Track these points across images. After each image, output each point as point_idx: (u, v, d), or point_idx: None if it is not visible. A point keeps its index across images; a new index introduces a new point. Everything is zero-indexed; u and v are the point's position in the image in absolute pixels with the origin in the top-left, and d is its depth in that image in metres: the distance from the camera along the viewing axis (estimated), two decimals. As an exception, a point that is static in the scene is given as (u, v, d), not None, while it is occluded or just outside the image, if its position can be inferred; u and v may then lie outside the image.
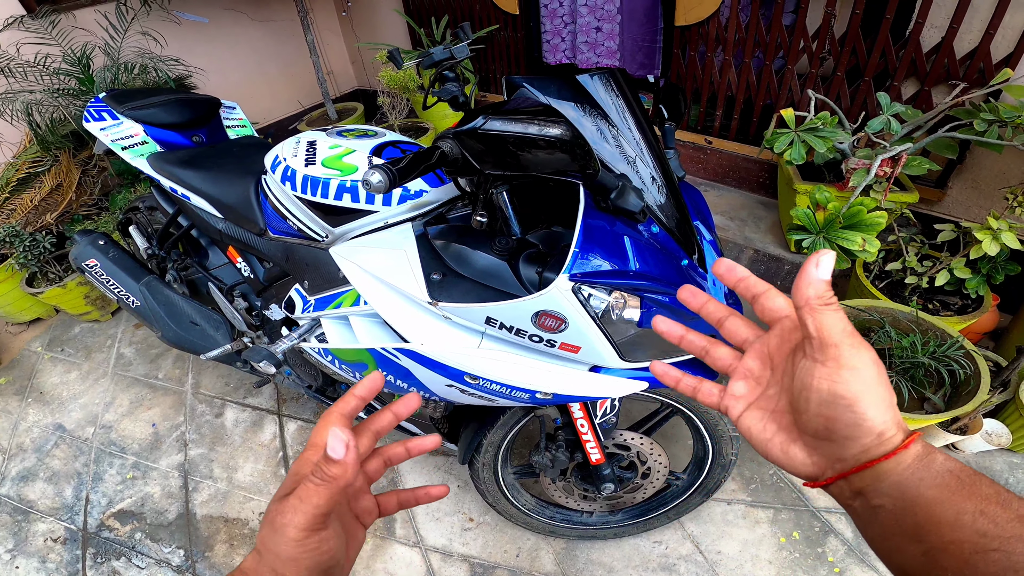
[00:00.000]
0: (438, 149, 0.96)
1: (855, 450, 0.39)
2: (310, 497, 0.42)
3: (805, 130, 2.01)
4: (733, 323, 0.50)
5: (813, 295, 0.39)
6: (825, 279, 0.39)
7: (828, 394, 0.38)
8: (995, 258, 1.94)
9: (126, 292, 2.02)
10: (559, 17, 3.44)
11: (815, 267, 0.39)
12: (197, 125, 2.07)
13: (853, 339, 0.38)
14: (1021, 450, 1.97)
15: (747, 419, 0.47)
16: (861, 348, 0.38)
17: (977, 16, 2.06)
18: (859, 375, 0.37)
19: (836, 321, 0.38)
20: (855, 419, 0.37)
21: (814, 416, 0.40)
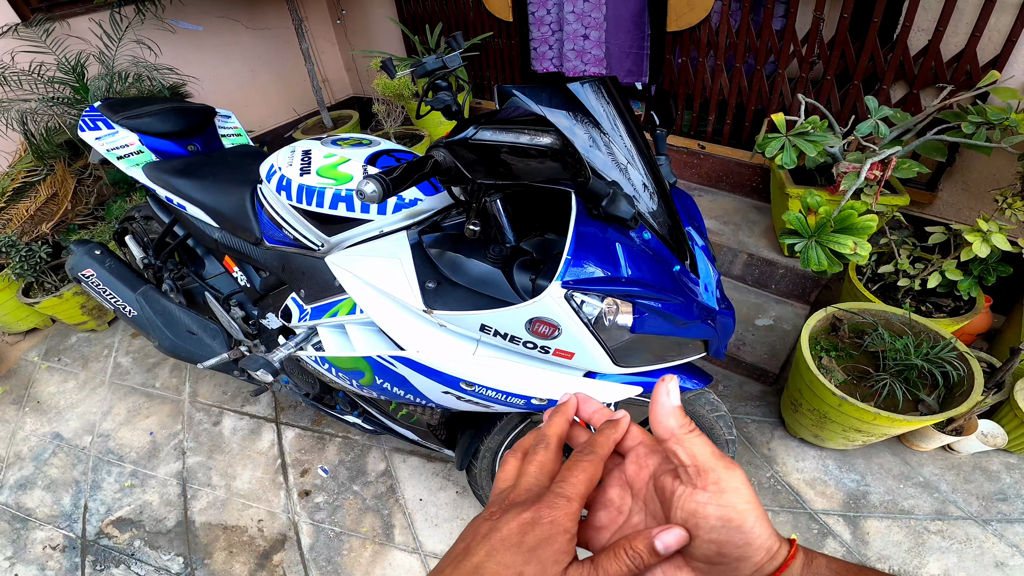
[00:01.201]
0: (431, 158, 0.97)
1: (747, 571, 0.38)
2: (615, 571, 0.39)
3: (796, 134, 2.03)
4: None
5: (676, 425, 0.40)
6: (678, 406, 0.41)
7: (717, 519, 0.37)
8: (986, 260, 1.96)
9: (122, 302, 2.02)
10: (546, 25, 3.42)
11: (666, 395, 0.41)
12: (192, 134, 2.08)
13: (724, 460, 0.39)
14: (1017, 450, 1.98)
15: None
16: (733, 468, 0.39)
17: (963, 19, 2.08)
18: (740, 495, 0.38)
19: (703, 446, 0.40)
20: (745, 539, 0.37)
21: (704, 543, 0.38)
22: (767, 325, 2.42)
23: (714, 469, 0.38)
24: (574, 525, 0.40)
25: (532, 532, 0.39)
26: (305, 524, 2.03)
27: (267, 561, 1.94)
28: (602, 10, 3.09)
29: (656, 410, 0.41)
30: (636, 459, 0.46)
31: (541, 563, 0.38)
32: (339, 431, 2.34)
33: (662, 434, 0.40)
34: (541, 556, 0.38)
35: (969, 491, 1.92)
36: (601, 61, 3.29)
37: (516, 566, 0.38)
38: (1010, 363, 1.81)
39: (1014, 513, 1.84)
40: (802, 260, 1.88)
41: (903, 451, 2.05)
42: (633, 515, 0.45)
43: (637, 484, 0.45)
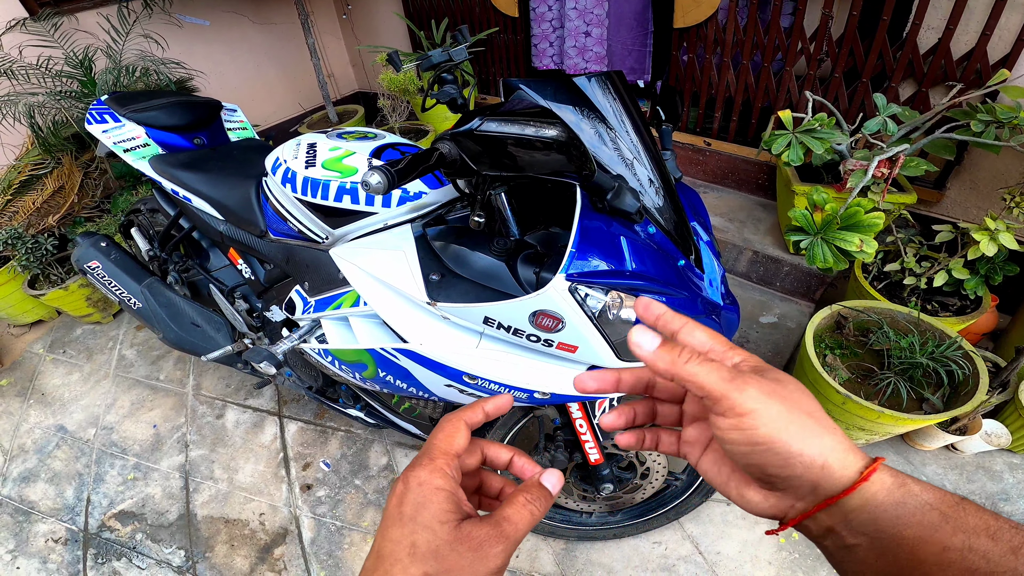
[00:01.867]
0: (436, 151, 0.97)
1: (804, 489, 0.36)
2: (524, 525, 0.40)
3: (803, 131, 2.02)
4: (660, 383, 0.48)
5: (668, 361, 0.38)
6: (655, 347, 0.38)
7: (745, 443, 0.36)
8: (993, 259, 1.95)
9: (128, 294, 2.03)
10: (547, 21, 3.38)
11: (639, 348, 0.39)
12: (198, 127, 2.08)
13: (734, 383, 0.36)
14: (1021, 450, 1.97)
15: (704, 464, 0.45)
16: (746, 388, 0.36)
17: (973, 17, 2.06)
18: (759, 416, 0.35)
19: (709, 372, 0.37)
20: (781, 459, 0.35)
21: (748, 467, 0.38)
22: (771, 323, 2.41)
23: (725, 395, 0.36)
24: (447, 481, 0.40)
25: (406, 500, 0.39)
26: (306, 518, 2.04)
27: (268, 555, 1.94)
28: (604, 7, 3.07)
29: (642, 357, 0.39)
30: None
31: (427, 528, 0.38)
32: (341, 425, 2.35)
33: (662, 375, 0.38)
34: (423, 521, 0.38)
35: (972, 491, 1.91)
36: (603, 59, 3.26)
37: (405, 538, 0.38)
38: (1015, 363, 1.80)
39: (1016, 514, 1.83)
40: (807, 257, 1.87)
41: (907, 450, 2.04)
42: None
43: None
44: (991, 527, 0.32)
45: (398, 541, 0.38)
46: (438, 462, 0.41)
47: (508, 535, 0.39)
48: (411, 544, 0.37)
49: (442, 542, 0.37)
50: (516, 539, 0.39)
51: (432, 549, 0.37)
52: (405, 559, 0.37)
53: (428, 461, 0.41)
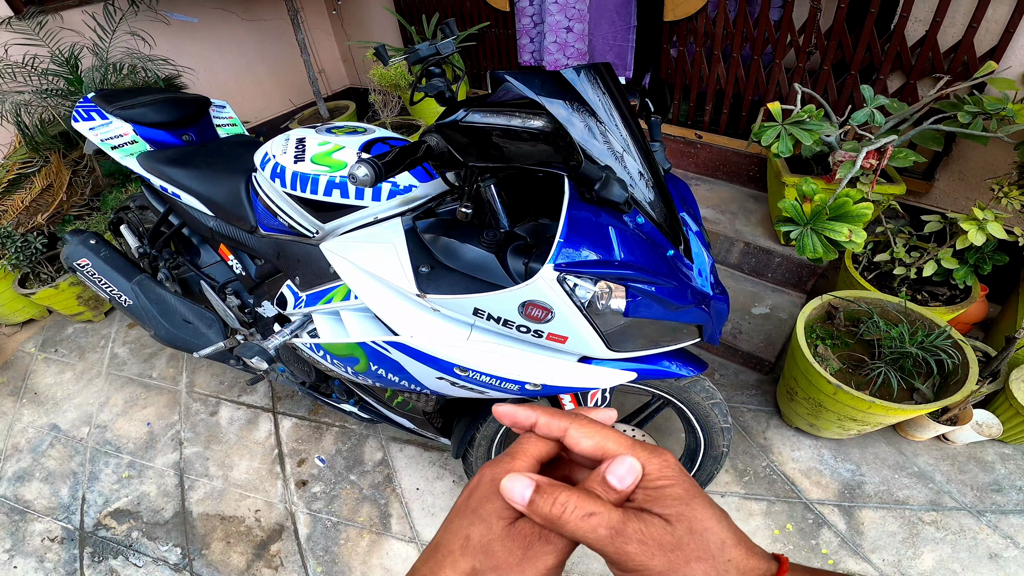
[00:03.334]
0: (424, 143, 0.97)
1: None
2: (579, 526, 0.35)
3: (792, 123, 2.03)
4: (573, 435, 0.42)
5: (541, 520, 0.35)
6: (524, 503, 0.36)
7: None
8: (982, 248, 1.96)
9: (118, 291, 2.02)
10: (528, 16, 3.31)
11: (512, 502, 0.36)
12: (187, 124, 2.07)
13: (615, 543, 0.34)
14: (1012, 441, 1.99)
15: None
16: (633, 544, 0.34)
17: (960, 10, 2.07)
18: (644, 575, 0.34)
19: (587, 531, 0.34)
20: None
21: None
22: (763, 314, 2.42)
23: (605, 553, 0.34)
24: None
25: (475, 494, 0.39)
26: (302, 514, 2.04)
27: (264, 551, 1.94)
28: (586, 1, 3.00)
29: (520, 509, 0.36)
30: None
31: (484, 521, 0.37)
32: (336, 420, 2.35)
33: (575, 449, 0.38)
34: (483, 515, 0.38)
35: (964, 482, 1.93)
36: (583, 55, 3.17)
37: (463, 529, 0.38)
38: (1005, 352, 1.82)
39: (1008, 504, 1.85)
40: (797, 248, 1.88)
41: (898, 441, 2.06)
42: None
43: None
44: None
45: (455, 532, 0.38)
46: (518, 461, 0.40)
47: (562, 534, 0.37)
48: (465, 536, 0.37)
49: (495, 537, 0.37)
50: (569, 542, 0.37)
51: (484, 543, 0.37)
52: (457, 551, 0.37)
53: (509, 459, 0.40)
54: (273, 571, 1.89)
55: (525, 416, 0.42)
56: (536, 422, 0.42)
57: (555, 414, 0.42)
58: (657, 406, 1.62)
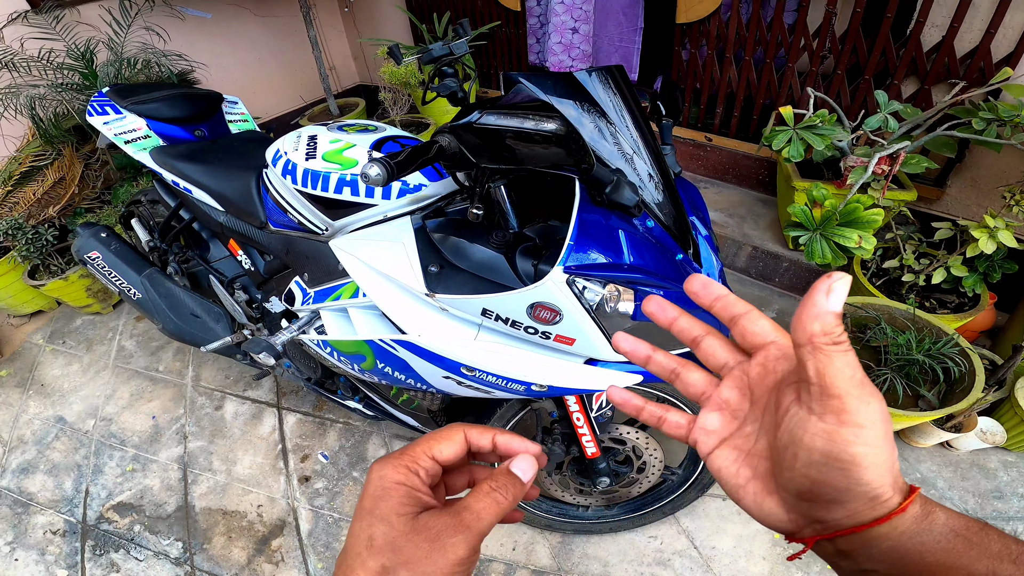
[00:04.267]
0: (436, 143, 0.97)
1: (841, 514, 0.33)
2: (488, 515, 0.38)
3: (804, 128, 2.02)
4: (710, 344, 0.43)
5: (819, 331, 0.32)
6: (836, 311, 0.32)
7: (822, 454, 0.32)
8: (992, 256, 1.95)
9: (127, 284, 2.03)
10: (535, 17, 3.31)
11: (825, 296, 0.32)
12: (199, 120, 2.08)
13: (862, 389, 0.31)
14: (1016, 448, 1.98)
15: (718, 458, 0.41)
16: (871, 400, 0.32)
17: (978, 15, 2.06)
18: (863, 434, 0.31)
19: (845, 366, 0.31)
20: (848, 484, 0.32)
21: (799, 475, 0.34)
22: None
23: (843, 396, 0.31)
24: (408, 477, 0.40)
25: (367, 493, 0.39)
26: (304, 510, 2.04)
27: (266, 546, 1.95)
28: (592, 2, 2.98)
29: (805, 308, 0.32)
30: (764, 361, 0.39)
31: (383, 520, 0.37)
32: (340, 417, 2.35)
33: (799, 337, 0.32)
34: (380, 514, 0.38)
35: (966, 488, 1.91)
36: (588, 57, 3.16)
37: (364, 531, 0.38)
38: (1012, 361, 1.80)
39: (1010, 511, 1.84)
40: (806, 253, 1.87)
41: (902, 447, 2.05)
42: (747, 424, 0.40)
43: (759, 390, 0.40)
44: (1013, 552, 0.31)
45: (357, 535, 0.38)
46: (405, 458, 0.41)
47: (468, 525, 0.37)
48: (368, 537, 0.37)
49: (398, 534, 0.37)
50: (479, 529, 0.38)
51: (388, 541, 0.37)
52: (364, 552, 0.37)
53: (397, 457, 0.41)
54: (274, 566, 1.89)
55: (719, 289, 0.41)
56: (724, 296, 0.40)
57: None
58: (662, 409, 1.62)
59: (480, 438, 0.45)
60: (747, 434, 0.40)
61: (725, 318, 0.40)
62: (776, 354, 0.38)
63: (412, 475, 0.40)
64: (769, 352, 0.39)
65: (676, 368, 0.44)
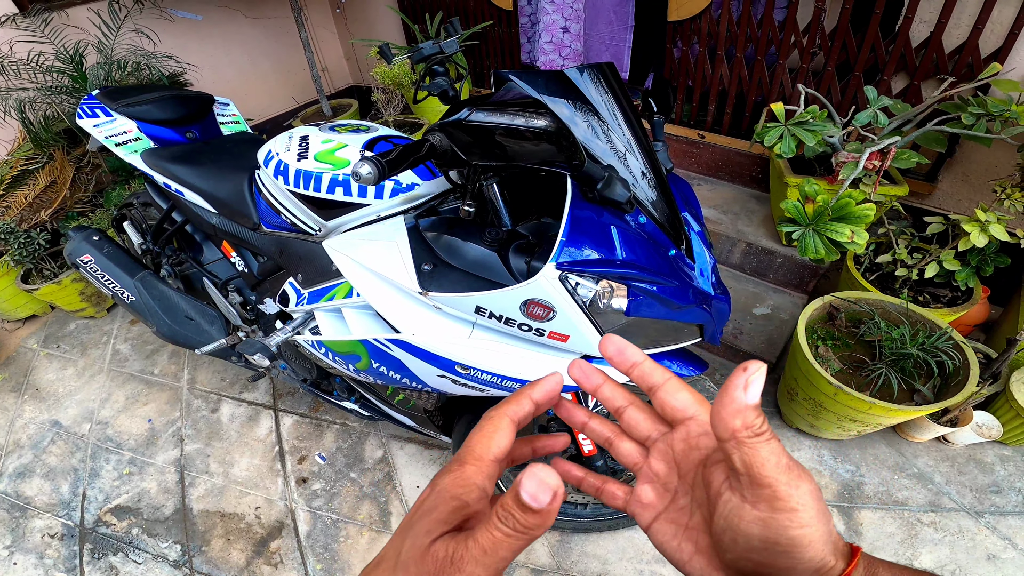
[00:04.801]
0: (427, 142, 0.97)
1: None
2: (497, 549, 0.33)
3: (795, 124, 2.02)
4: (632, 415, 0.42)
5: (741, 426, 0.32)
6: (755, 403, 0.32)
7: (760, 540, 0.32)
8: (984, 250, 1.96)
9: (121, 287, 2.02)
10: (525, 16, 3.31)
11: (743, 391, 0.32)
12: (191, 121, 2.08)
13: (790, 474, 0.32)
14: (1012, 442, 1.99)
15: (658, 533, 0.40)
16: (800, 483, 0.32)
17: (965, 11, 2.07)
18: (798, 517, 0.32)
19: (770, 455, 0.32)
20: (791, 564, 0.32)
21: (741, 558, 0.34)
22: (764, 314, 2.42)
23: (773, 485, 0.32)
24: (466, 490, 0.36)
25: (423, 505, 0.37)
26: (302, 511, 2.04)
27: (264, 548, 1.95)
28: (582, 0, 2.98)
29: (724, 403, 0.33)
30: (686, 436, 0.39)
31: (415, 536, 0.35)
32: (337, 418, 2.35)
33: (721, 432, 0.33)
34: (417, 528, 0.35)
35: (963, 483, 1.93)
36: (579, 56, 3.14)
37: (399, 542, 0.36)
38: (1006, 354, 1.81)
39: (1007, 506, 1.85)
40: (799, 248, 1.88)
41: (898, 442, 2.06)
42: (679, 497, 0.40)
43: (684, 465, 0.40)
44: None
45: (394, 545, 0.36)
46: (467, 468, 0.37)
47: (476, 559, 0.33)
48: (398, 551, 0.35)
49: (415, 556, 0.34)
50: (487, 564, 0.33)
51: (405, 561, 0.34)
52: (389, 567, 0.35)
53: (457, 467, 0.38)
54: (273, 568, 1.89)
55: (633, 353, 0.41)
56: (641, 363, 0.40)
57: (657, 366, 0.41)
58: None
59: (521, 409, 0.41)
60: (681, 507, 0.40)
61: (643, 387, 0.40)
62: (697, 431, 0.39)
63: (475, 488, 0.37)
64: (690, 428, 0.39)
65: (610, 436, 0.44)
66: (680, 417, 0.39)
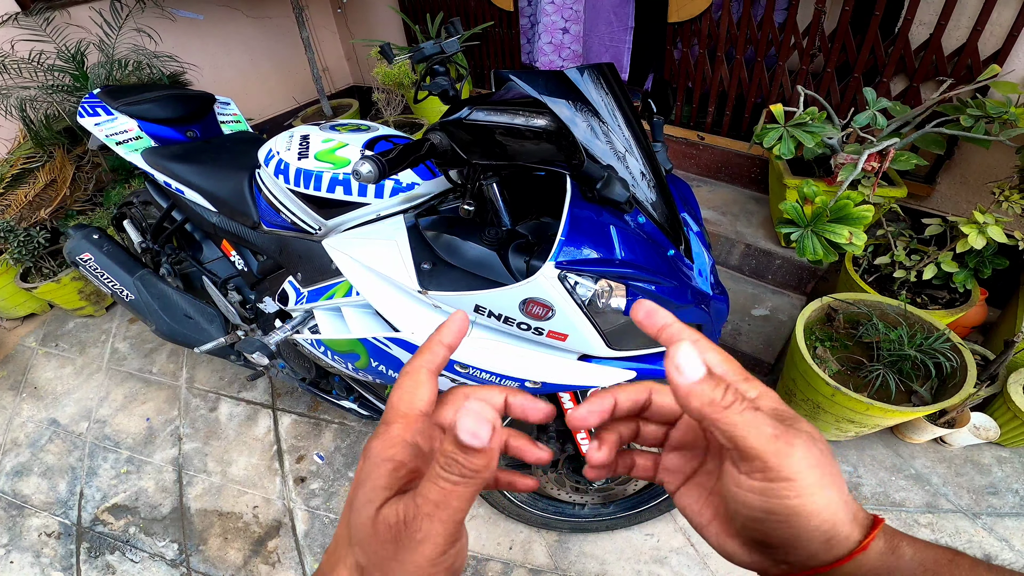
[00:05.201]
0: (427, 141, 0.98)
1: (801, 556, 0.32)
2: (449, 500, 0.31)
3: (794, 125, 2.03)
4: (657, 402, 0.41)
5: (701, 405, 0.31)
6: (700, 376, 0.31)
7: (760, 510, 0.32)
8: (982, 252, 1.96)
9: (120, 286, 2.02)
10: (525, 17, 3.31)
11: (678, 372, 0.31)
12: (191, 120, 2.08)
13: (778, 443, 0.30)
14: (1009, 444, 1.99)
15: (683, 496, 0.40)
16: (792, 450, 0.31)
17: (965, 13, 2.08)
18: (795, 486, 0.30)
19: (750, 426, 0.31)
20: (795, 533, 0.31)
21: (747, 527, 0.33)
22: (763, 315, 2.43)
23: (761, 456, 0.30)
24: (399, 450, 0.34)
25: (359, 476, 0.35)
26: (300, 510, 2.04)
27: (262, 547, 1.95)
28: (582, 1, 2.98)
29: (675, 391, 0.32)
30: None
31: (358, 509, 0.33)
32: (335, 417, 2.35)
33: (692, 416, 0.32)
34: (358, 501, 0.33)
35: (960, 484, 1.93)
36: (579, 57, 3.15)
37: (346, 518, 0.34)
38: (1004, 356, 1.82)
39: (1004, 507, 1.85)
40: (798, 249, 1.88)
41: (896, 443, 2.06)
42: (709, 460, 0.40)
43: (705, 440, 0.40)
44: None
45: (343, 523, 0.34)
46: (393, 428, 0.35)
47: (430, 514, 0.31)
48: (348, 528, 0.33)
49: (367, 529, 0.32)
50: (444, 519, 0.31)
51: (360, 537, 0.32)
52: (344, 545, 0.33)
53: (383, 428, 0.35)
54: (270, 567, 1.89)
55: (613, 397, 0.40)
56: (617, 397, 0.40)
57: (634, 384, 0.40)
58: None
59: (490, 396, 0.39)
60: (709, 471, 0.39)
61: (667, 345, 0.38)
62: None
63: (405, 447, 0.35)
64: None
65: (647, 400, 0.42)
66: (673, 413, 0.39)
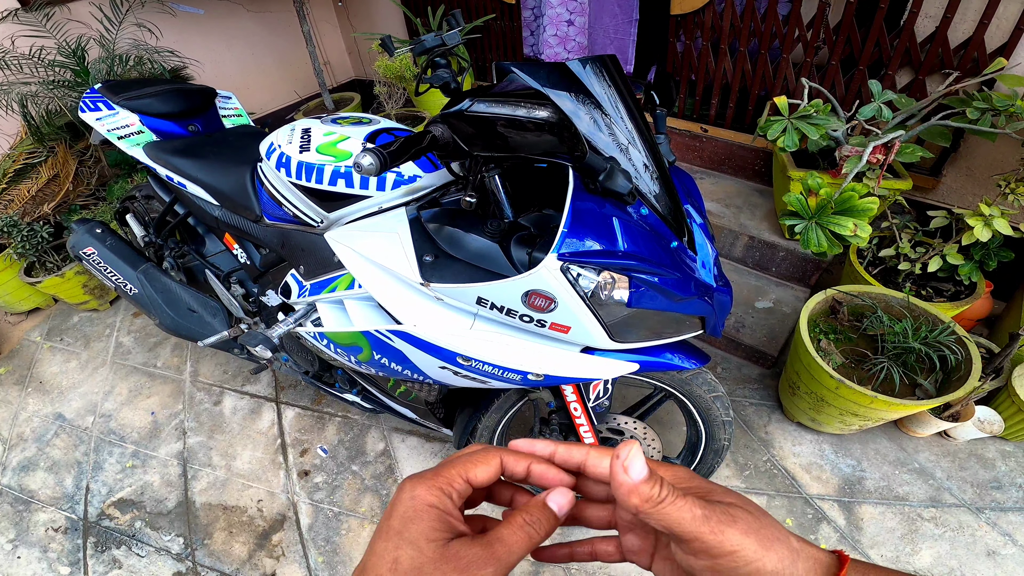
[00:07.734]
0: (429, 133, 0.97)
1: None
2: (520, 548, 0.37)
3: (798, 117, 2.02)
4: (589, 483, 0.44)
5: (639, 502, 0.35)
6: (640, 479, 0.35)
7: None
8: (987, 244, 1.95)
9: (123, 280, 2.03)
10: (528, 9, 3.30)
11: (625, 474, 0.35)
12: (193, 115, 2.08)
13: (710, 523, 0.34)
14: (1013, 438, 1.99)
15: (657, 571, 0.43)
16: (727, 526, 0.34)
17: (971, 6, 2.06)
18: (740, 556, 0.33)
19: (681, 514, 0.34)
20: None
21: None
22: (767, 308, 2.42)
23: (698, 538, 0.34)
24: (442, 500, 0.38)
25: (394, 513, 0.38)
26: (304, 504, 2.05)
27: (266, 541, 1.96)
28: None
29: (616, 490, 0.36)
30: None
31: (412, 544, 0.36)
32: (339, 411, 2.36)
33: (629, 510, 0.36)
34: (409, 536, 0.36)
35: (964, 478, 1.92)
36: (584, 49, 3.14)
37: (389, 552, 0.36)
38: (1009, 349, 1.81)
39: (1008, 501, 1.85)
40: (802, 242, 1.88)
41: (899, 437, 2.06)
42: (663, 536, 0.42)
43: None
44: None
45: (381, 555, 0.36)
46: (440, 480, 0.39)
47: (499, 557, 0.36)
48: (394, 560, 0.36)
49: (426, 560, 0.35)
50: (508, 562, 0.37)
51: (415, 567, 0.35)
52: (386, 574, 0.35)
53: (431, 476, 0.39)
54: (275, 561, 1.90)
55: (543, 447, 0.43)
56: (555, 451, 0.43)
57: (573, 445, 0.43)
58: (659, 399, 1.62)
59: (516, 465, 0.43)
60: (668, 544, 0.42)
61: (571, 468, 0.42)
62: None
63: (445, 498, 0.39)
64: None
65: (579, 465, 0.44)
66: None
